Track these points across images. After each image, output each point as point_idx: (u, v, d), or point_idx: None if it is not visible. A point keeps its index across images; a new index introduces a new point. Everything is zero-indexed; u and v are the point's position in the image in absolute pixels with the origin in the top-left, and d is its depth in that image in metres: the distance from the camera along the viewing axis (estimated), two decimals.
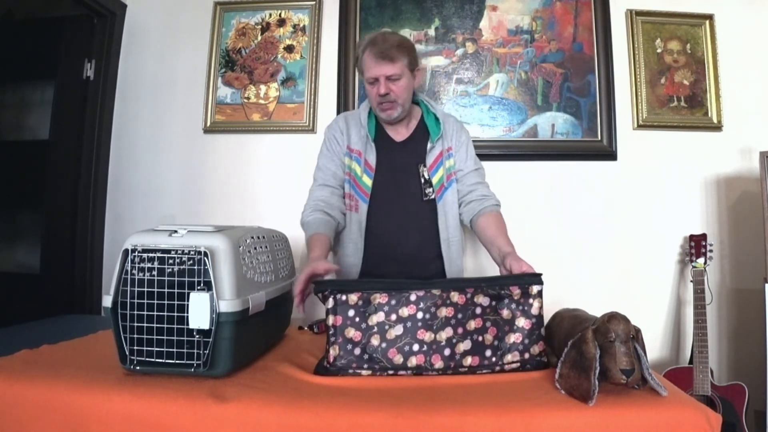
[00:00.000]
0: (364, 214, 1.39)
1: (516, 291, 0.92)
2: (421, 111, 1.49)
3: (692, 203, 1.97)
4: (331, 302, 0.89)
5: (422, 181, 1.39)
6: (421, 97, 1.51)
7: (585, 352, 0.76)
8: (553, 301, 1.00)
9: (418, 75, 1.42)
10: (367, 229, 1.40)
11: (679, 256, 1.96)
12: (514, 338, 0.91)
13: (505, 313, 0.92)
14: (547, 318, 0.96)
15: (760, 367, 1.61)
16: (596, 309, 0.94)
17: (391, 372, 0.87)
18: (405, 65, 1.35)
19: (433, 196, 1.40)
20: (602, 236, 1.97)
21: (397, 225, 1.39)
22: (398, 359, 0.87)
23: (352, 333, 0.88)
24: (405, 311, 0.89)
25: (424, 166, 1.41)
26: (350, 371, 0.87)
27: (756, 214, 1.79)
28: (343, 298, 0.89)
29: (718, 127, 1.97)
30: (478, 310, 0.91)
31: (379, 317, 0.88)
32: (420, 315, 0.89)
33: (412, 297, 0.89)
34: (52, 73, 2.16)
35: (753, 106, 1.98)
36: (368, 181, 1.39)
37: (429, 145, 1.42)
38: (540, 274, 0.95)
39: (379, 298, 0.89)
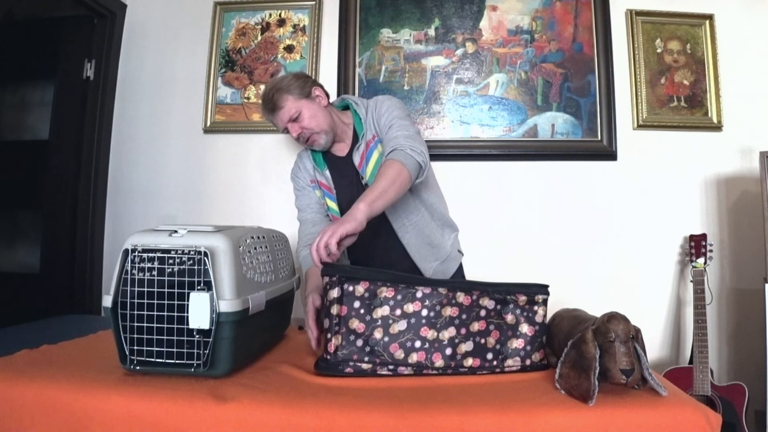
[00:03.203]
0: None
1: (522, 298, 0.93)
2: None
3: (692, 203, 1.97)
4: (337, 292, 0.88)
5: (363, 183, 1.35)
6: (348, 99, 1.45)
7: (585, 352, 0.76)
8: (553, 301, 1.00)
9: (319, 95, 1.37)
10: (347, 252, 1.39)
11: (679, 256, 1.96)
12: (516, 344, 0.91)
13: (510, 318, 0.92)
14: (547, 318, 0.97)
15: (760, 367, 1.61)
16: (596, 309, 0.94)
17: (391, 367, 0.87)
18: (295, 100, 1.32)
19: None
20: (602, 236, 1.97)
21: (362, 239, 1.25)
22: (399, 354, 0.87)
23: (356, 324, 0.87)
24: (410, 307, 0.89)
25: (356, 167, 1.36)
26: (350, 363, 0.87)
27: (756, 214, 1.79)
28: (350, 288, 0.88)
29: (718, 127, 1.97)
30: (483, 313, 0.91)
31: (384, 311, 0.88)
32: (425, 312, 0.89)
33: (418, 294, 0.89)
34: (52, 73, 2.16)
35: (753, 106, 1.98)
36: (333, 205, 1.39)
37: (356, 146, 1.36)
38: (547, 285, 0.95)
39: (386, 292, 0.89)
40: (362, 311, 0.88)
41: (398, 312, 0.88)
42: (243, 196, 2.08)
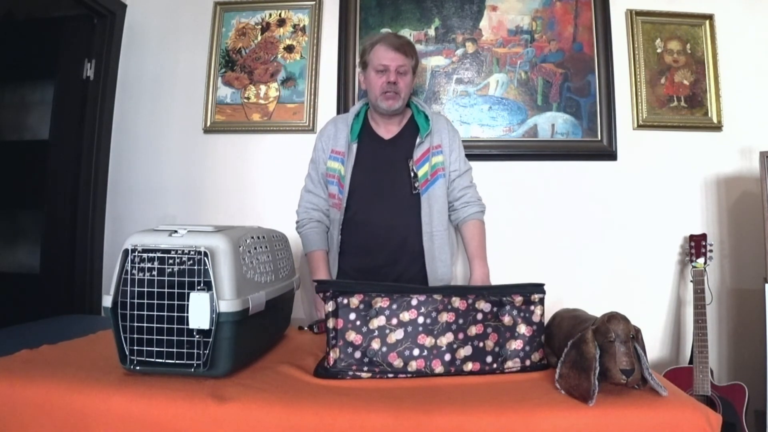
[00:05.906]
0: (343, 210, 1.47)
1: (518, 298, 0.92)
2: (411, 111, 1.58)
3: (692, 203, 1.97)
4: (332, 305, 0.88)
5: (411, 175, 1.46)
6: (411, 99, 1.59)
7: (585, 352, 0.76)
8: (552, 301, 1.00)
9: (415, 78, 1.55)
10: (344, 224, 1.47)
11: (679, 256, 1.96)
12: (515, 345, 0.91)
13: (507, 319, 0.92)
14: (546, 318, 0.96)
15: (760, 367, 1.61)
16: (596, 309, 0.94)
17: (390, 375, 0.87)
18: (412, 64, 1.49)
19: (418, 190, 1.47)
20: (602, 236, 1.97)
21: (380, 219, 1.45)
22: (398, 363, 0.87)
23: (352, 336, 0.87)
24: (406, 315, 0.89)
25: (412, 160, 1.47)
26: (350, 373, 0.87)
27: (756, 214, 1.79)
28: (345, 301, 0.88)
29: (718, 127, 1.97)
30: (479, 316, 0.91)
31: (380, 321, 0.88)
32: (421, 320, 0.89)
33: (413, 302, 0.89)
34: (52, 73, 2.16)
35: (753, 106, 1.97)
36: (342, 170, 1.48)
37: (417, 141, 1.49)
38: (542, 284, 0.94)
39: (380, 302, 0.89)
40: (358, 323, 0.88)
41: (394, 321, 0.88)
42: (243, 196, 2.08)
